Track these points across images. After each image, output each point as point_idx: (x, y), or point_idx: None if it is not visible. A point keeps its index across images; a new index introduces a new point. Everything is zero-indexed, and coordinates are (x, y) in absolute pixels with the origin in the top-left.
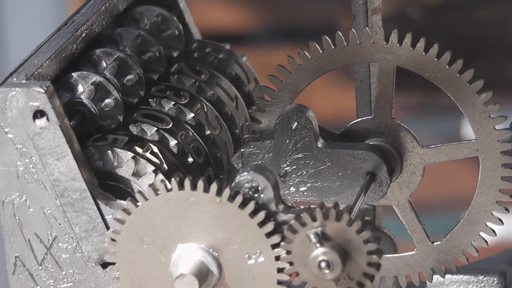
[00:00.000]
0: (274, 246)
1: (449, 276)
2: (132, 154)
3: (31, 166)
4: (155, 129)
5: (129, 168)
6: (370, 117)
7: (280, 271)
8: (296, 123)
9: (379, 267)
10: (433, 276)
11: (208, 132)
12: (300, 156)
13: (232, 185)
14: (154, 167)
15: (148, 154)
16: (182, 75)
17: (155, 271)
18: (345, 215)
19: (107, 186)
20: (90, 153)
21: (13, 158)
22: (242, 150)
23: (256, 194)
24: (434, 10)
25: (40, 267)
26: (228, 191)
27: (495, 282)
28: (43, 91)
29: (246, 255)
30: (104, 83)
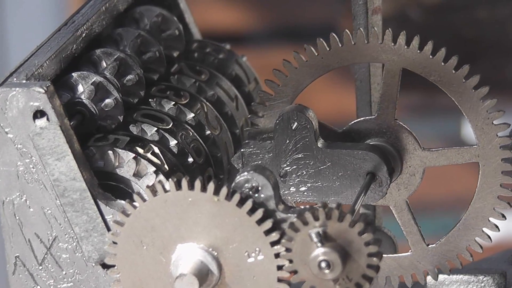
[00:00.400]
0: (273, 244)
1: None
2: (133, 155)
3: (31, 166)
4: (155, 129)
5: (130, 168)
6: (373, 116)
7: (280, 269)
8: (296, 123)
9: (379, 270)
10: (426, 278)
11: (208, 132)
12: (300, 156)
13: (232, 185)
14: (155, 168)
15: (149, 155)
16: (182, 75)
17: (156, 272)
18: (347, 216)
19: (108, 186)
20: (91, 153)
21: (13, 158)
22: (242, 150)
23: (256, 194)
24: (434, 10)
25: (40, 267)
26: (225, 190)
27: (495, 282)
28: (43, 91)
29: (246, 254)
30: (104, 83)
